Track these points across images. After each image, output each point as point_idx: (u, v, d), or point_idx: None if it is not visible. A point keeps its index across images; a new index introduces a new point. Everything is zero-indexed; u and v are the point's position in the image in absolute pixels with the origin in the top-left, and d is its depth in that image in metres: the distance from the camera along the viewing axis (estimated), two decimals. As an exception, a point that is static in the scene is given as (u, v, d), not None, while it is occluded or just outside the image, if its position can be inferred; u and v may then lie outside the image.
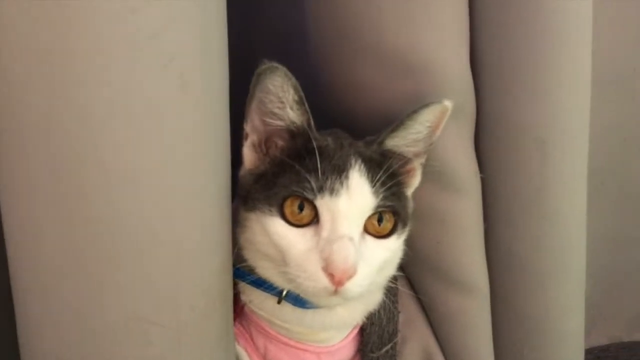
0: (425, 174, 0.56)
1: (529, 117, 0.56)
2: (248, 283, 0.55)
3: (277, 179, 0.50)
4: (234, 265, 0.52)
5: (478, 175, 0.58)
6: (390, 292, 0.61)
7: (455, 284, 0.59)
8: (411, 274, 0.63)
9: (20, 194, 0.39)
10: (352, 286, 0.47)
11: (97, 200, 0.38)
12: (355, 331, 0.61)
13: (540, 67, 0.55)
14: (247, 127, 0.53)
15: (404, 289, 0.63)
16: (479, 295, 0.60)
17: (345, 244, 0.46)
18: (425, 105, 0.51)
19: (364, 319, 0.59)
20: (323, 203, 0.48)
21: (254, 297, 0.57)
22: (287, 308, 0.55)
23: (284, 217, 0.49)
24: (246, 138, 0.53)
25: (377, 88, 0.57)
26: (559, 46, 0.53)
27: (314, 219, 0.49)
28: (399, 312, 0.62)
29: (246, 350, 0.58)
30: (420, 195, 0.57)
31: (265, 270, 0.52)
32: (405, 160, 0.54)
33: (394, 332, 0.64)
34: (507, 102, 0.57)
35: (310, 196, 0.48)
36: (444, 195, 0.58)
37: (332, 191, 0.48)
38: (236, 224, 0.53)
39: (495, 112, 0.58)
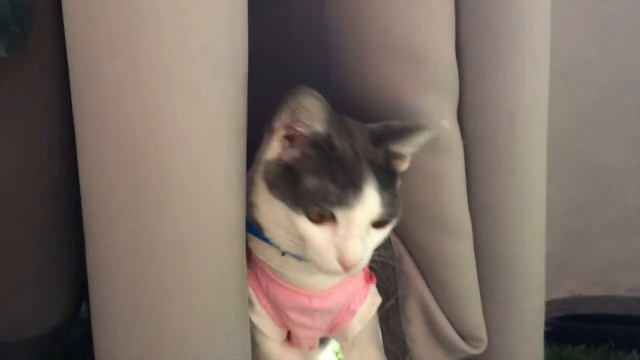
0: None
1: (501, 95, 0.69)
2: (252, 234, 0.66)
3: (301, 181, 0.58)
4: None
5: (462, 142, 0.72)
6: (388, 266, 0.75)
7: (448, 229, 0.72)
8: (412, 228, 0.74)
9: (93, 148, 0.53)
10: (357, 269, 0.59)
11: (150, 152, 0.52)
12: (346, 282, 0.72)
13: (509, 55, 0.68)
14: (277, 124, 0.61)
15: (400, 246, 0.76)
16: (466, 238, 0.73)
17: (357, 243, 0.57)
18: (426, 128, 0.63)
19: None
20: (341, 212, 0.57)
21: (258, 245, 0.68)
22: (283, 258, 0.67)
23: (308, 217, 0.58)
24: (274, 132, 0.62)
25: (382, 74, 0.68)
26: (522, 39, 0.67)
27: (332, 218, 0.58)
28: (397, 275, 0.77)
29: (252, 288, 0.71)
30: (421, 161, 0.68)
31: (279, 238, 0.63)
32: (401, 155, 0.65)
33: (395, 290, 0.78)
34: (484, 84, 0.70)
35: (329, 208, 0.57)
36: (440, 159, 0.70)
37: (349, 205, 0.57)
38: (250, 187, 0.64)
39: (475, 91, 0.70)
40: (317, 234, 0.58)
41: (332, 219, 0.58)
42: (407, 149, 0.65)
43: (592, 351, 1.09)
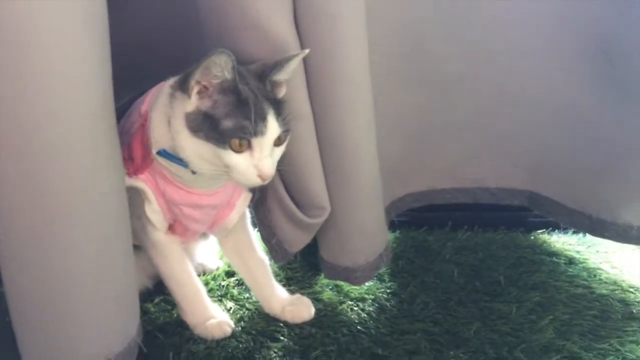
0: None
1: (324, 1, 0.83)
2: (169, 160, 0.83)
3: (222, 121, 0.76)
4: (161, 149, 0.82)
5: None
6: None
7: (291, 114, 0.84)
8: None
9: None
10: (270, 179, 0.80)
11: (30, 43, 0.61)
12: (227, 185, 0.91)
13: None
14: (192, 82, 0.77)
15: None
16: (306, 120, 0.89)
17: (268, 161, 0.79)
18: (293, 55, 0.81)
19: None
20: (255, 140, 0.77)
21: (172, 165, 0.84)
22: (194, 175, 0.85)
23: (232, 149, 0.77)
24: (192, 89, 0.77)
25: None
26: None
27: (249, 146, 0.77)
28: None
29: (152, 190, 0.88)
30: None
31: (202, 168, 0.81)
32: (279, 83, 0.83)
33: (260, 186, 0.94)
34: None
35: (249, 137, 0.77)
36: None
37: (261, 133, 0.77)
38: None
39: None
40: (240, 161, 0.78)
41: (248, 147, 0.78)
42: (283, 76, 0.83)
43: (434, 232, 1.34)
